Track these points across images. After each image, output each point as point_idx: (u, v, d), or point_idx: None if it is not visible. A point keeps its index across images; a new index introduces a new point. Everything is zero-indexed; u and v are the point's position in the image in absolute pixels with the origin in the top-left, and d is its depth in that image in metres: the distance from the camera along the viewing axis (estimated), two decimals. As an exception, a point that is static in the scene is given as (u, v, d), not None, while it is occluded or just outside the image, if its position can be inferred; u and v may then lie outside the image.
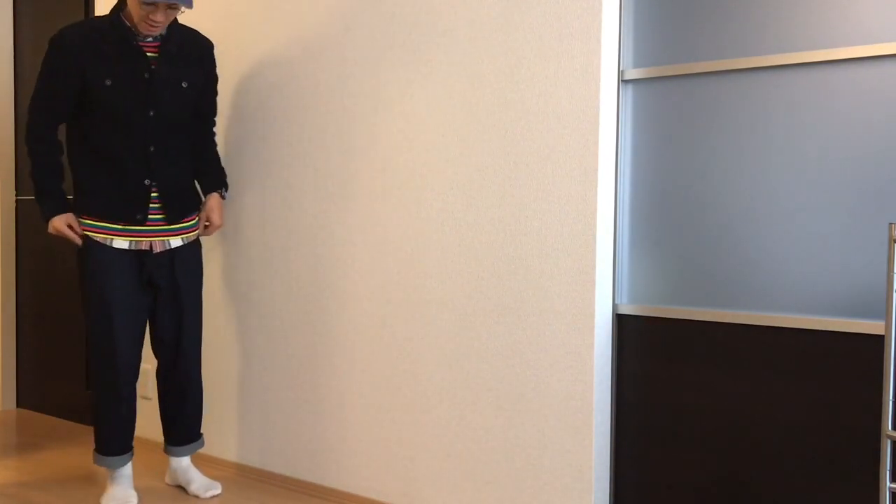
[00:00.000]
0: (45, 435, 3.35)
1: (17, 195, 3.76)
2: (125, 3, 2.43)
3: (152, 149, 2.46)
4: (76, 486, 2.73)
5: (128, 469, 2.58)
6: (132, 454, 2.59)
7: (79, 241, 2.46)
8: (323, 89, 2.59)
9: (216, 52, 2.83)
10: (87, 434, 3.37)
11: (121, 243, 2.45)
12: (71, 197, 2.50)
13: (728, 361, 1.99)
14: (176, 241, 2.54)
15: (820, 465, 1.87)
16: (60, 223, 2.45)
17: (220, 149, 2.89)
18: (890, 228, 1.59)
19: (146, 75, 2.43)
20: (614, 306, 2.13)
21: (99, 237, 2.44)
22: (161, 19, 2.35)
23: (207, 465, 2.94)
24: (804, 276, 1.89)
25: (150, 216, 2.47)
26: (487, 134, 2.23)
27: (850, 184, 1.83)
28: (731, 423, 1.99)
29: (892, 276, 1.59)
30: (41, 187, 2.47)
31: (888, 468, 1.62)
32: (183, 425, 2.65)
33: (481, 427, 2.26)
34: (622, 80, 2.10)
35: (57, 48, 2.39)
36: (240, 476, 2.84)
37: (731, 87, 1.97)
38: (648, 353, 2.10)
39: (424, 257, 2.37)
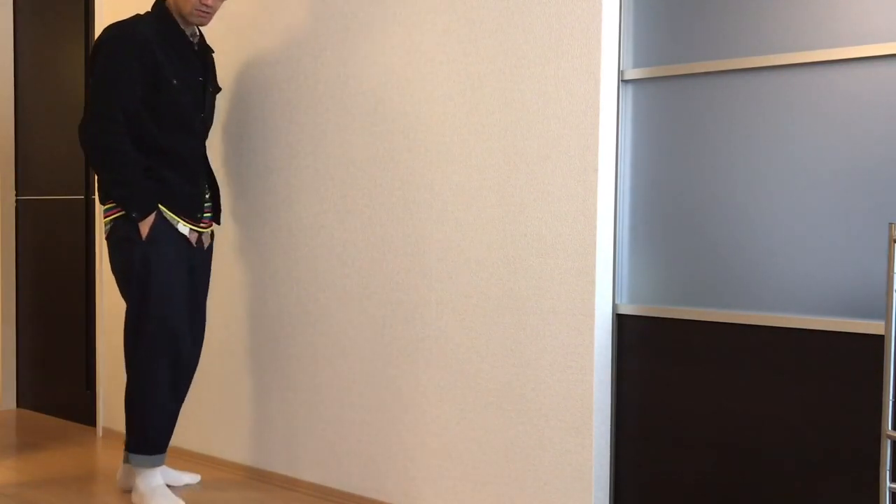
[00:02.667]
0: (45, 435, 3.35)
1: (17, 195, 3.76)
2: (163, 1, 2.41)
3: (201, 152, 2.52)
4: (76, 487, 2.73)
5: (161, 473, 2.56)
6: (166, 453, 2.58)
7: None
8: (322, 89, 2.59)
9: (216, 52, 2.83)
10: (87, 434, 3.37)
11: (183, 228, 2.46)
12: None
13: (728, 361, 1.99)
14: (207, 239, 2.62)
15: (820, 465, 1.87)
16: (150, 224, 2.38)
17: (219, 149, 2.89)
18: (890, 228, 1.59)
19: (200, 78, 2.44)
20: (614, 306, 2.13)
21: (168, 218, 2.42)
22: (211, 2, 2.33)
23: (209, 466, 2.94)
24: (804, 275, 1.89)
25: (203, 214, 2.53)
26: (487, 134, 2.23)
27: (850, 184, 1.83)
28: (731, 422, 1.98)
29: (893, 276, 1.59)
30: (134, 183, 2.33)
31: (888, 468, 1.61)
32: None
33: (481, 427, 2.26)
34: (622, 80, 2.10)
35: (126, 42, 2.31)
36: (239, 476, 2.84)
37: (731, 87, 1.97)
38: (648, 353, 2.10)
39: (424, 257, 2.37)
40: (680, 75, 2.03)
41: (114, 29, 2.36)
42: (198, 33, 2.50)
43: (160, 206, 2.40)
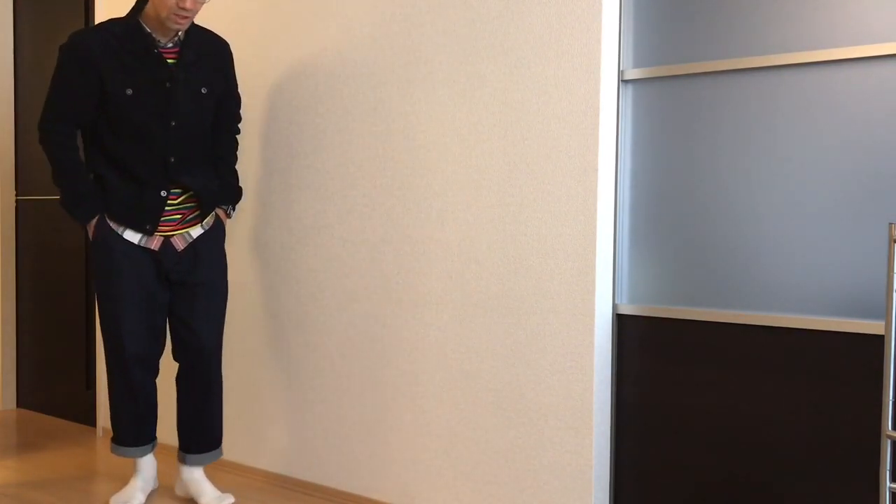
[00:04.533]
0: (45, 435, 3.34)
1: (17, 195, 3.76)
2: (144, 4, 2.33)
3: (172, 160, 2.37)
4: (76, 486, 2.72)
5: (146, 466, 2.54)
6: (151, 447, 2.53)
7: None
8: (322, 90, 2.58)
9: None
10: (87, 434, 3.37)
11: (131, 235, 2.37)
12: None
13: (728, 361, 1.98)
14: (197, 231, 2.45)
15: (820, 465, 1.87)
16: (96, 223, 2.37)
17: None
18: (890, 228, 1.59)
19: (168, 84, 2.34)
20: (614, 306, 2.13)
21: (112, 224, 2.38)
22: (191, 6, 2.24)
23: (208, 467, 2.94)
24: (804, 275, 1.89)
25: (165, 218, 2.40)
26: (487, 134, 2.23)
27: (850, 183, 1.83)
28: (731, 422, 1.98)
29: (892, 276, 1.58)
30: (74, 189, 2.34)
31: (888, 468, 1.61)
32: (200, 431, 2.51)
33: (481, 427, 2.26)
34: (622, 80, 2.10)
35: (72, 55, 2.30)
36: (237, 476, 2.84)
37: (731, 88, 1.97)
38: (648, 353, 2.10)
39: (424, 257, 2.36)
40: (680, 75, 2.03)
41: (69, 38, 2.32)
42: (180, 36, 2.37)
43: (106, 215, 2.38)
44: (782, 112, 1.91)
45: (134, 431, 2.49)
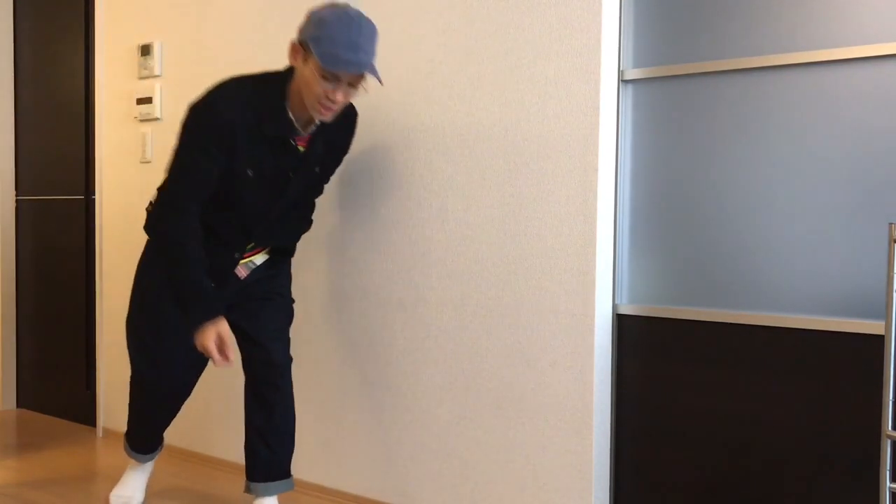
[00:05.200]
0: (45, 435, 3.34)
1: (17, 195, 3.76)
2: (290, 77, 2.05)
3: (260, 229, 2.19)
4: (76, 486, 2.72)
5: (151, 464, 2.54)
6: (159, 451, 2.53)
7: (227, 362, 2.03)
8: (323, 89, 2.59)
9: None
10: (87, 434, 3.36)
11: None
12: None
13: (728, 361, 1.98)
14: (261, 258, 2.28)
15: (820, 465, 1.87)
16: (211, 333, 2.00)
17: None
18: (890, 228, 1.59)
19: (291, 174, 2.12)
20: (614, 306, 2.12)
21: None
22: (340, 99, 1.99)
23: (209, 466, 2.93)
24: (804, 275, 1.88)
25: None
26: (488, 134, 2.22)
27: (850, 184, 1.83)
28: (731, 423, 1.98)
29: (892, 276, 1.58)
30: (197, 289, 2.01)
31: (888, 468, 1.61)
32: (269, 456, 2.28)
33: (481, 427, 2.26)
34: (622, 80, 2.10)
35: (214, 126, 2.01)
36: (240, 475, 2.84)
37: (731, 88, 1.97)
38: (649, 353, 2.09)
39: (424, 257, 2.36)
40: (680, 75, 2.03)
41: (211, 105, 2.02)
42: (318, 122, 2.11)
43: None
44: (782, 112, 1.90)
45: (155, 442, 2.48)
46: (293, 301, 2.39)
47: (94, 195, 3.36)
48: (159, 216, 2.11)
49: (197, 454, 3.00)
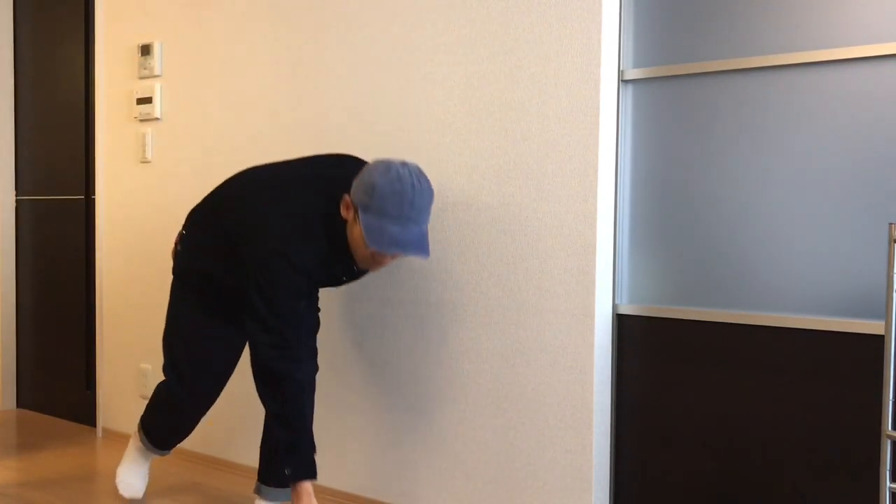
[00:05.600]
0: (45, 435, 3.33)
1: (17, 195, 3.76)
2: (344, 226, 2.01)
3: None
4: (76, 487, 2.71)
5: (153, 455, 2.53)
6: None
7: None
8: (325, 88, 2.58)
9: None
10: (87, 434, 3.36)
11: None
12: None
13: (728, 361, 1.98)
14: None
15: (820, 465, 1.87)
16: (311, 496, 2.03)
17: (228, 151, 2.87)
18: (890, 228, 1.59)
19: (344, 278, 2.18)
20: (614, 306, 2.12)
21: None
22: (389, 261, 2.03)
23: (209, 466, 2.93)
24: (804, 275, 1.88)
25: None
26: (487, 134, 2.22)
27: (851, 184, 1.82)
28: (731, 423, 1.98)
29: (892, 276, 1.58)
30: (299, 443, 2.04)
31: (888, 468, 1.61)
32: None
33: (481, 427, 2.25)
34: (622, 80, 2.09)
35: (292, 271, 1.99)
36: (242, 477, 2.83)
37: (732, 88, 1.96)
38: (649, 353, 2.09)
39: (424, 257, 2.36)
40: (681, 75, 2.03)
41: (284, 258, 1.99)
42: None
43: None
44: (783, 112, 1.90)
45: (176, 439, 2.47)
46: (319, 309, 2.39)
47: (93, 195, 3.36)
48: (271, 357, 2.05)
49: (194, 453, 2.99)
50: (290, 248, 1.99)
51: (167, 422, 2.43)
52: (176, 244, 2.33)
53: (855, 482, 1.82)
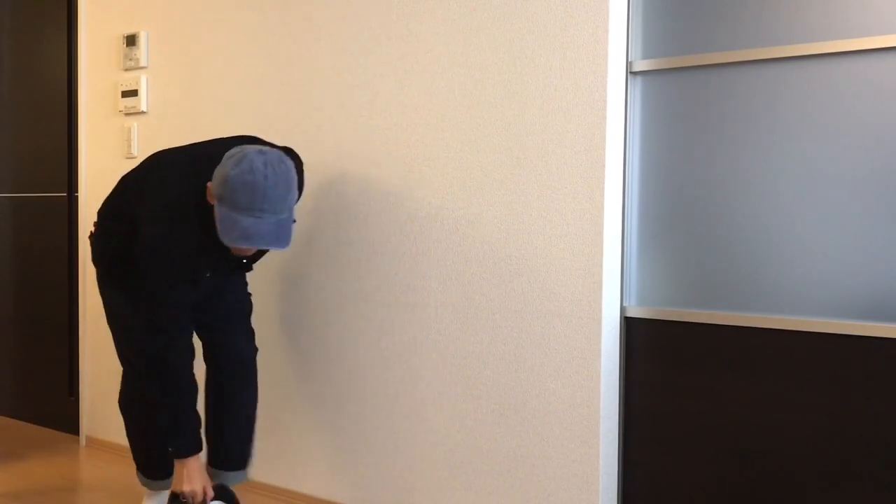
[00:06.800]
0: (26, 444, 3.29)
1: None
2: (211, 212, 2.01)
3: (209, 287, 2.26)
4: (59, 498, 2.67)
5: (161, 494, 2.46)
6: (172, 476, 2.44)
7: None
8: (319, 80, 2.51)
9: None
10: (69, 443, 3.31)
11: None
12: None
13: (741, 366, 1.95)
14: None
15: (834, 472, 1.83)
16: (199, 476, 2.09)
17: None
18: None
19: (243, 261, 2.20)
20: (622, 308, 2.09)
21: None
22: (253, 250, 2.02)
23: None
24: (819, 277, 1.85)
25: None
26: (489, 128, 2.18)
27: (868, 181, 1.79)
28: (745, 430, 1.94)
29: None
30: (191, 416, 2.07)
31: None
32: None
33: (482, 435, 2.21)
34: (631, 72, 2.06)
35: (168, 255, 2.02)
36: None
37: (744, 80, 1.93)
38: (658, 357, 2.06)
39: (423, 257, 2.31)
40: (691, 67, 1.99)
41: (161, 241, 2.03)
42: None
43: None
44: (797, 106, 1.87)
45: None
46: (250, 294, 2.45)
47: (76, 192, 3.32)
48: (150, 332, 2.07)
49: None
50: (166, 233, 2.01)
51: (147, 430, 2.35)
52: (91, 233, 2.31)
53: (878, 493, 1.78)
